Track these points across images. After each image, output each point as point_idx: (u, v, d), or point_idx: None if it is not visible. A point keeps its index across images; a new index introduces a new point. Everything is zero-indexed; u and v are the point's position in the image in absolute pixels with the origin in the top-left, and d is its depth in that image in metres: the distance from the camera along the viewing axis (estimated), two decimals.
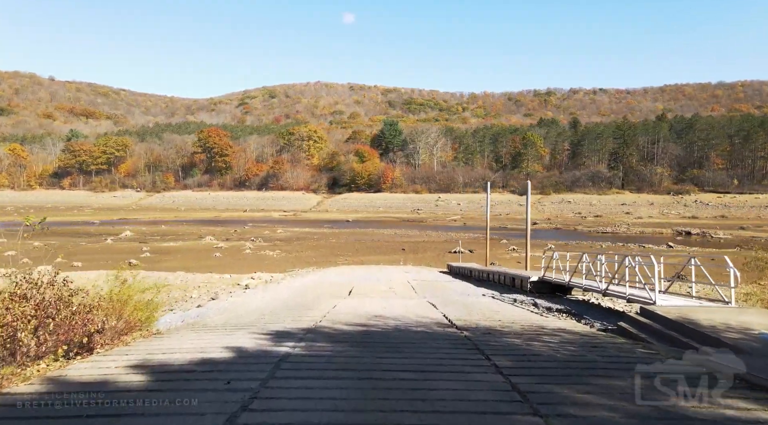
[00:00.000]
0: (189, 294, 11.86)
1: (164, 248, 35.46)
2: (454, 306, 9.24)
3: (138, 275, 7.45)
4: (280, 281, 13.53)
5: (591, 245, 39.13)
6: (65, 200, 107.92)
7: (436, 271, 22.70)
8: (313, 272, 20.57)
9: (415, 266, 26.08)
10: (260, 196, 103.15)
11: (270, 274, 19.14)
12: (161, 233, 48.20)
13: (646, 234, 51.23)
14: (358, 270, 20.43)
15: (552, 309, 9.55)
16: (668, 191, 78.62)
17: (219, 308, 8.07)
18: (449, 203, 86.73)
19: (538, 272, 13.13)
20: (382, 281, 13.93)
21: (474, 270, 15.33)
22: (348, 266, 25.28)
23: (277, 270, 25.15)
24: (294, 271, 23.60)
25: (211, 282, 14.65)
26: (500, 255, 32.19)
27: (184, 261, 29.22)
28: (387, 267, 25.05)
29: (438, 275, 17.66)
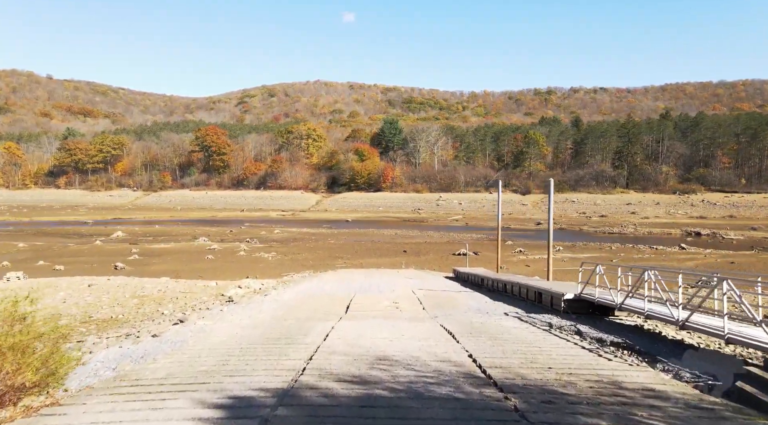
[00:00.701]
0: (163, 309, 10.30)
1: (154, 250, 33.93)
2: (479, 338, 7.43)
3: (113, 280, 5.80)
4: (270, 292, 11.97)
5: (599, 247, 37.64)
6: (60, 200, 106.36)
7: (441, 276, 21.17)
8: (309, 278, 19.03)
9: (417, 270, 24.56)
10: (258, 195, 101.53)
11: (261, 281, 17.58)
12: (154, 234, 46.66)
13: (655, 235, 49.71)
14: (358, 276, 18.92)
15: (604, 341, 7.46)
16: (674, 190, 77.04)
17: (175, 342, 6.36)
18: (450, 202, 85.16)
19: (570, 286, 10.61)
20: (384, 291, 12.39)
21: (486, 279, 13.74)
22: (347, 271, 23.76)
23: (271, 275, 23.61)
24: (288, 277, 22.07)
25: (192, 292, 13.07)
26: (506, 258, 30.65)
27: (174, 264, 27.70)
28: (388, 271, 23.54)
29: (444, 283, 16.10)
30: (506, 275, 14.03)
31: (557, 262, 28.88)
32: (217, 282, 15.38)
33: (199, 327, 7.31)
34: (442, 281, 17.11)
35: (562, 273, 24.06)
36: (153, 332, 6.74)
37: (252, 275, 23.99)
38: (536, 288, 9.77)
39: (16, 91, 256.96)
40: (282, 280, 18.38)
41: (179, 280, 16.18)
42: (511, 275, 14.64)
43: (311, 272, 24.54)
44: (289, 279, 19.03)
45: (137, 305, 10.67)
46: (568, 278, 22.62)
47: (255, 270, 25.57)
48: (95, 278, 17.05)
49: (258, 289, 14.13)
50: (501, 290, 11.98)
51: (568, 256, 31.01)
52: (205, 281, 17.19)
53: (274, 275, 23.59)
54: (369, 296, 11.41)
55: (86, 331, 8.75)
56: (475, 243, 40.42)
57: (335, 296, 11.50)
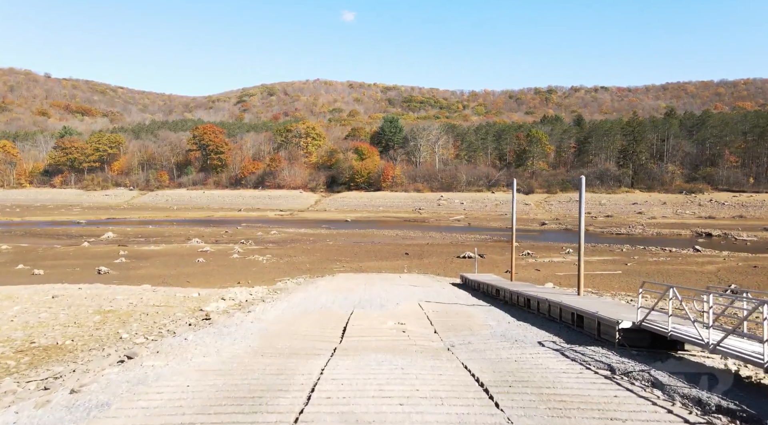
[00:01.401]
0: (125, 330, 8.69)
1: (143, 252, 32.31)
2: (524, 394, 5.62)
3: None
4: (255, 307, 10.35)
5: (610, 249, 36.03)
6: (55, 199, 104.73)
7: (447, 283, 19.56)
8: (303, 286, 17.42)
9: (421, 275, 22.95)
10: (256, 195, 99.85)
11: (250, 290, 15.97)
12: (146, 235, 45.04)
13: (664, 236, 48.11)
14: (357, 283, 17.33)
15: (705, 405, 5.12)
16: (680, 189, 75.35)
17: (92, 408, 4.64)
18: (452, 202, 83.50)
19: (609, 304, 8.66)
20: (387, 305, 10.78)
21: (503, 290, 12.04)
22: (345, 276, 22.16)
23: (264, 281, 22.00)
24: (282, 283, 20.47)
25: (168, 305, 11.43)
26: (514, 261, 29.00)
27: (162, 268, 26.10)
28: (389, 276, 21.94)
29: (453, 292, 14.48)
30: (526, 287, 12.34)
31: (568, 266, 27.28)
32: (200, 292, 13.73)
33: (143, 373, 5.66)
34: (450, 290, 15.48)
35: (576, 279, 22.48)
36: (73, 386, 5.05)
37: (244, 280, 22.39)
38: (575, 309, 7.85)
39: (14, 89, 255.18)
40: (274, 288, 16.76)
41: (158, 289, 14.56)
42: (532, 287, 12.92)
43: (307, 277, 22.95)
44: (282, 287, 17.41)
45: (97, 325, 9.02)
46: (586, 284, 21.04)
47: (247, 275, 23.97)
48: (67, 286, 15.39)
49: (244, 301, 12.50)
50: (522, 305, 10.33)
51: (575, 258, 29.37)
52: (188, 290, 15.57)
53: (267, 281, 21.98)
54: (369, 312, 9.79)
55: (8, 369, 7.13)
56: (479, 245, 38.81)
57: (330, 312, 9.87)
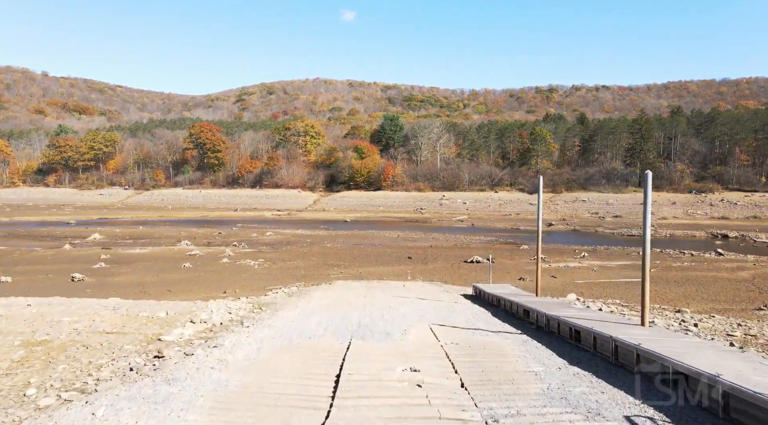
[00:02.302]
0: (40, 378, 6.52)
1: (127, 255, 30.11)
2: None
3: None
4: (224, 339, 8.17)
5: (625, 252, 33.84)
6: (48, 198, 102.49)
7: (458, 294, 17.38)
8: (295, 298, 15.22)
9: (427, 284, 20.75)
10: (253, 194, 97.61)
11: (233, 305, 13.80)
12: (135, 236, 42.85)
13: (678, 237, 45.98)
14: (356, 295, 15.18)
15: None
16: (690, 189, 73.09)
17: None
18: (454, 201, 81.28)
19: (732, 357, 5.20)
20: (393, 333, 8.61)
21: (536, 313, 9.70)
22: (343, 284, 19.97)
23: (253, 289, 19.81)
24: (272, 292, 18.28)
25: (121, 332, 9.26)
26: (525, 265, 26.87)
27: (143, 274, 23.91)
28: (392, 284, 19.77)
29: (469, 309, 12.29)
30: (562, 308, 10.08)
31: (586, 272, 25.11)
32: (168, 311, 11.50)
33: None
34: (464, 305, 13.30)
35: (599, 288, 20.29)
36: None
37: (231, 289, 20.22)
38: (670, 362, 5.27)
39: (10, 88, 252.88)
40: (260, 301, 14.54)
41: (122, 306, 12.39)
42: (568, 308, 10.60)
43: (301, 285, 20.77)
44: (270, 300, 15.19)
45: (9, 368, 6.83)
46: (606, 293, 18.84)
47: (235, 282, 21.80)
48: (13, 302, 13.19)
49: (219, 324, 10.29)
50: (567, 337, 8.09)
51: (597, 264, 27.22)
52: (160, 304, 13.36)
53: (257, 290, 19.80)
54: (371, 346, 7.61)
55: None
56: (486, 248, 36.63)
57: (321, 345, 7.69)
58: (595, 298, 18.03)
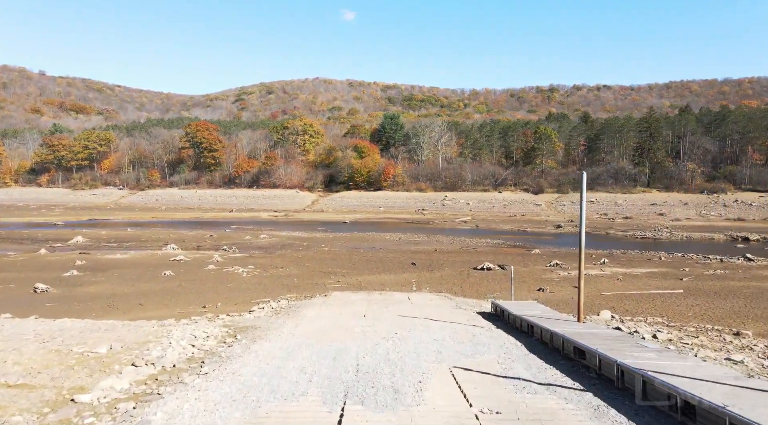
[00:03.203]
0: None
1: (105, 261, 27.61)
2: None
3: None
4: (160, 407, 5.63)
5: (644, 257, 31.34)
6: (41, 198, 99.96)
7: (474, 311, 14.90)
8: (281, 320, 12.74)
9: (435, 296, 18.24)
10: (250, 194, 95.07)
11: (205, 326, 11.37)
12: (121, 239, 40.36)
13: (695, 240, 43.51)
14: (355, 313, 12.76)
15: None
16: (701, 189, 70.58)
17: None
18: (457, 202, 78.77)
19: None
20: (403, 390, 6.14)
21: (597, 357, 7.15)
22: (340, 297, 17.49)
23: (236, 303, 17.33)
24: (257, 308, 15.81)
25: (30, 385, 6.86)
26: (542, 274, 24.39)
27: (117, 284, 21.43)
28: (396, 297, 17.31)
29: (496, 340, 9.81)
30: (645, 354, 7.43)
31: (610, 281, 22.62)
32: (112, 345, 9.05)
33: None
34: (489, 332, 10.80)
35: (632, 302, 17.78)
36: None
37: (212, 302, 17.75)
38: None
39: (7, 87, 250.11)
40: (236, 328, 12.04)
41: (50, 343, 9.90)
42: (670, 358, 7.74)
43: (293, 297, 18.27)
44: (249, 323, 12.71)
45: None
46: (642, 309, 16.21)
47: (218, 294, 19.33)
48: None
49: (171, 366, 7.85)
50: (668, 404, 5.55)
51: (620, 272, 24.70)
52: (111, 331, 10.91)
53: (241, 304, 17.33)
54: (375, 418, 5.13)
55: None
56: (494, 252, 34.14)
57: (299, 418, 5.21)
58: (632, 315, 15.56)
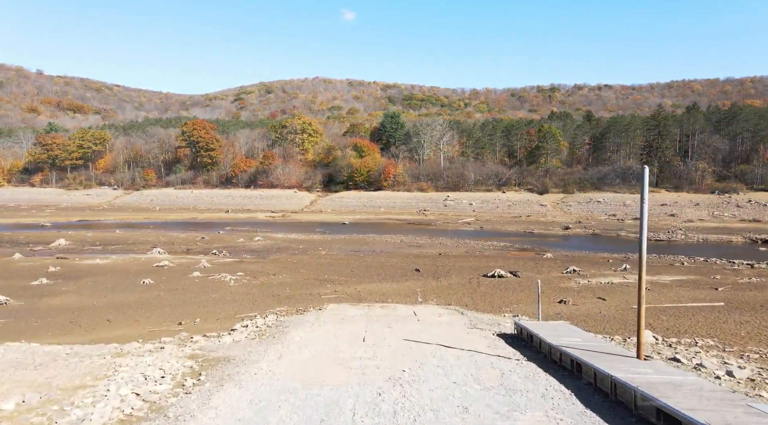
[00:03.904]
0: None
1: (81, 268, 25.40)
2: None
3: None
4: None
5: (665, 261, 29.17)
6: (33, 199, 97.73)
7: (492, 333, 12.70)
8: (261, 352, 10.59)
9: (445, 310, 16.04)
10: (247, 194, 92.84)
11: (166, 359, 9.24)
12: (106, 242, 38.16)
13: (712, 242, 41.33)
14: (352, 339, 10.60)
15: None
16: (712, 189, 68.35)
17: None
18: (460, 202, 76.57)
19: None
20: None
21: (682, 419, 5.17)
22: (336, 312, 15.31)
23: (216, 320, 15.12)
24: (240, 325, 13.62)
25: None
26: (558, 281, 22.21)
27: (88, 294, 19.23)
28: (400, 311, 15.15)
29: (536, 387, 7.64)
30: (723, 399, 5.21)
31: (634, 289, 20.52)
32: (24, 398, 6.78)
33: None
34: (520, 369, 8.61)
35: (671, 318, 15.57)
36: None
37: (190, 318, 15.56)
38: None
39: (3, 86, 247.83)
40: (205, 359, 9.86)
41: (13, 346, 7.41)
42: None
43: (283, 311, 16.06)
44: (220, 356, 10.51)
45: None
46: (685, 327, 13.94)
47: (200, 307, 17.12)
48: None
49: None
50: None
51: (646, 279, 22.45)
52: (37, 372, 8.76)
53: (223, 319, 15.14)
54: None
55: None
56: (502, 256, 31.95)
57: None
58: (677, 335, 13.34)
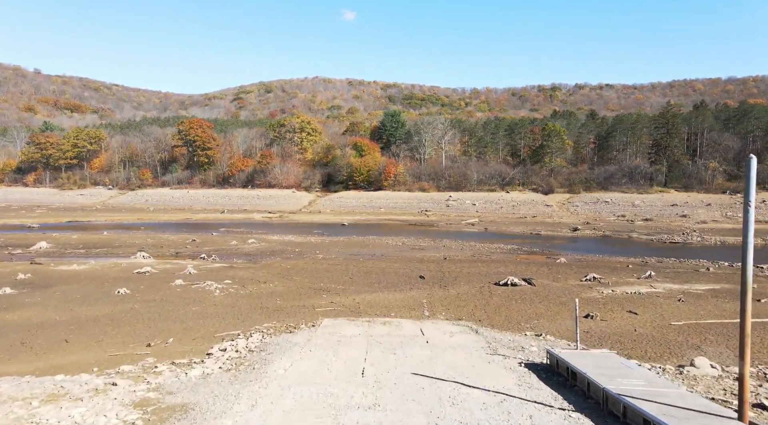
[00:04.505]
0: None
1: (54, 274, 23.26)
2: None
3: None
4: None
5: (690, 267, 27.02)
6: (26, 199, 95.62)
7: (519, 364, 10.57)
8: (233, 394, 8.37)
9: (456, 328, 13.92)
10: (244, 194, 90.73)
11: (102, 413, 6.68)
12: (91, 244, 36.04)
13: (731, 245, 39.25)
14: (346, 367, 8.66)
15: None
16: (723, 189, 66.28)
17: None
18: (462, 202, 74.45)
19: None
20: None
21: None
22: (333, 328, 13.24)
23: (191, 339, 12.97)
24: (215, 349, 11.51)
25: None
26: (577, 290, 20.07)
27: (53, 306, 17.10)
28: (403, 330, 13.06)
29: None
30: None
31: (670, 302, 18.27)
32: None
33: None
34: None
35: (722, 338, 13.39)
36: None
37: (162, 336, 13.43)
38: None
39: (0, 85, 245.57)
40: (159, 407, 7.65)
41: None
42: None
43: (271, 328, 13.95)
44: (178, 401, 8.26)
45: None
46: (753, 355, 11.64)
47: (176, 323, 14.98)
48: None
49: None
50: None
51: (676, 288, 20.33)
52: None
53: (200, 339, 13.01)
54: None
55: None
56: (512, 260, 29.79)
57: None
58: (737, 363, 11.23)
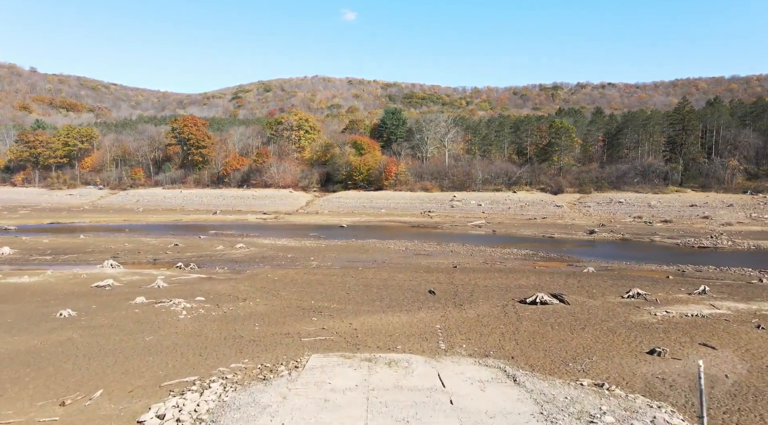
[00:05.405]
0: None
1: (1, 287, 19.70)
2: None
3: None
4: None
5: (740, 277, 23.47)
6: (12, 199, 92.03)
7: None
8: None
9: (486, 370, 10.38)
10: (239, 194, 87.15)
11: None
12: (60, 250, 32.47)
13: (764, 248, 35.67)
14: None
15: None
16: (743, 188, 62.74)
17: None
18: (467, 203, 70.89)
19: None
20: None
21: None
22: (320, 373, 9.85)
23: (127, 392, 9.30)
24: (149, 418, 7.86)
25: None
26: (623, 312, 16.53)
27: None
28: (414, 372, 9.64)
29: None
30: None
31: (745, 328, 14.76)
32: None
33: None
34: None
35: None
36: None
37: (89, 385, 9.84)
38: None
39: None
40: None
41: None
42: None
43: (238, 373, 10.44)
44: None
45: None
46: None
47: (116, 365, 11.38)
48: None
49: None
50: None
51: (741, 308, 16.76)
52: None
53: (140, 390, 9.43)
54: None
55: None
56: (530, 269, 26.17)
57: None
58: None
